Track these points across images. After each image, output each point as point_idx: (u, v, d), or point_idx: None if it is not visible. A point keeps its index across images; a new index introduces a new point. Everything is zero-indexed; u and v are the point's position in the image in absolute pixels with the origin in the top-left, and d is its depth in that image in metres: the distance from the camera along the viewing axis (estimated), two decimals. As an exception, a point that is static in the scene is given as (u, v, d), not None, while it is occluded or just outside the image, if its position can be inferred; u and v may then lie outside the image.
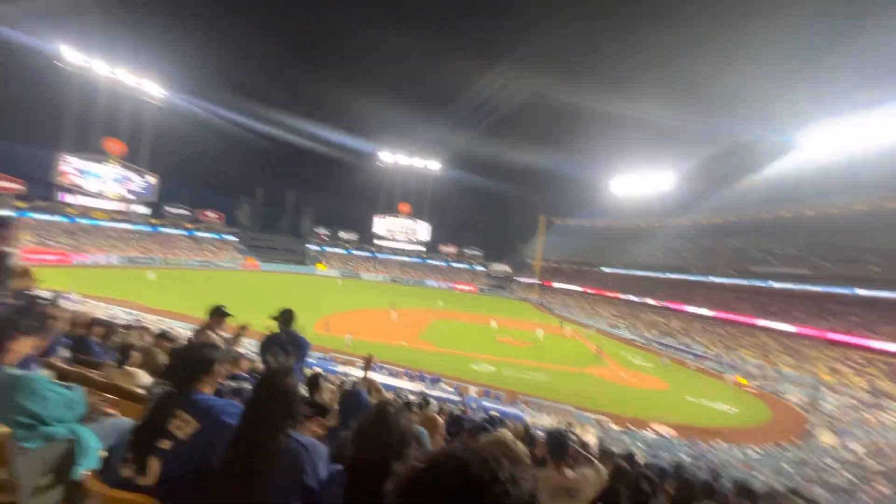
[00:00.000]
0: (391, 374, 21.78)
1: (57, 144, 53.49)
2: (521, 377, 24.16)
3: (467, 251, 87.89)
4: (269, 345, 4.17)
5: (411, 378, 21.18)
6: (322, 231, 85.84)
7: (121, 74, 57.04)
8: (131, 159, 59.84)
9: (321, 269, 74.90)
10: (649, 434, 18.43)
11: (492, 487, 0.54)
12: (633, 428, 18.73)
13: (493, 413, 13.39)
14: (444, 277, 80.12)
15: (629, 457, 5.06)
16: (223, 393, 2.73)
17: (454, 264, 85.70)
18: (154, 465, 1.58)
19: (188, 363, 1.85)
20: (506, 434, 1.69)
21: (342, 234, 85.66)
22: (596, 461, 2.57)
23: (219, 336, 4.34)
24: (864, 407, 23.22)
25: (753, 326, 37.81)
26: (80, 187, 54.79)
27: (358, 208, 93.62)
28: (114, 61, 55.82)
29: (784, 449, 18.90)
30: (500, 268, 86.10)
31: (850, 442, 19.53)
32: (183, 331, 17.65)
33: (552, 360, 28.88)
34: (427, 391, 19.00)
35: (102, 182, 56.72)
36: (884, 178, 37.84)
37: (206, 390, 1.80)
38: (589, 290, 63.00)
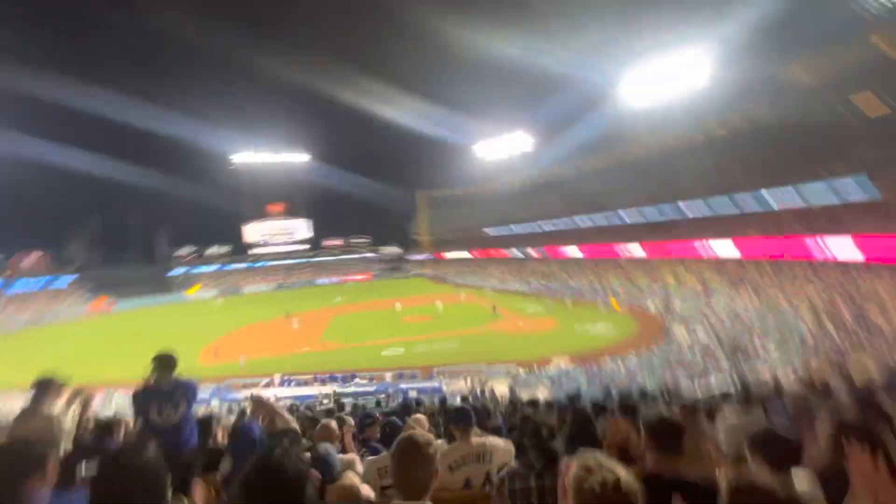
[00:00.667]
0: (299, 383, 20.69)
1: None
2: (431, 350, 24.83)
3: (354, 240, 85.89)
4: (149, 398, 3.53)
5: (322, 382, 20.39)
6: (185, 251, 76.08)
7: None
8: None
9: (193, 292, 66.77)
10: (551, 370, 20.52)
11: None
12: (536, 368, 20.67)
13: (409, 396, 13.61)
14: (336, 272, 77.52)
15: (533, 402, 5.53)
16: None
17: (343, 256, 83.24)
18: None
19: (12, 467, 1.46)
20: (418, 433, 1.65)
21: (212, 250, 77.04)
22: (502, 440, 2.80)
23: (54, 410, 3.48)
24: (699, 299, 28.79)
25: (614, 252, 43.82)
26: None
27: (222, 219, 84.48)
28: None
29: (652, 351, 22.64)
30: (391, 250, 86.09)
31: (698, 330, 24.11)
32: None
33: (456, 327, 30.17)
34: (341, 390, 18.51)
35: None
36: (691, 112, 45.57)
37: (41, 493, 1.44)
38: (477, 255, 66.52)
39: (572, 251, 49.68)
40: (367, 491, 2.34)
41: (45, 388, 3.42)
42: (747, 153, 35.22)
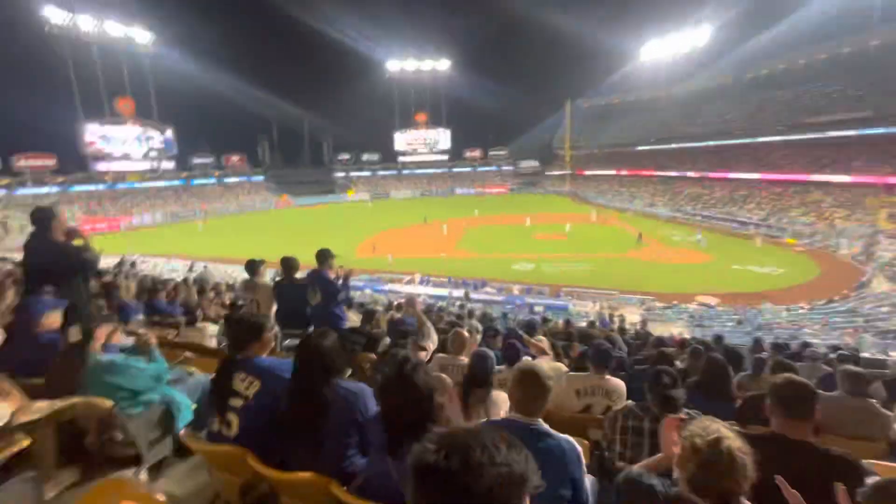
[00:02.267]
0: (436, 284, 22.86)
1: (71, 113, 53.80)
2: (561, 270, 24.68)
3: (493, 152, 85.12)
4: (309, 286, 4.44)
5: (456, 286, 22.17)
6: (344, 156, 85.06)
7: (110, 28, 54.73)
8: (142, 115, 59.73)
9: (351, 194, 75.65)
10: (693, 307, 18.84)
11: (488, 471, 0.63)
12: (676, 303, 19.17)
13: (534, 314, 14.03)
14: (474, 183, 79.07)
15: (661, 341, 5.27)
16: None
17: (481, 168, 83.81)
18: (234, 420, 1.87)
19: (241, 331, 2.07)
20: (529, 363, 1.82)
21: (365, 157, 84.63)
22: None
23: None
24: (926, 249, 22.34)
25: (805, 183, 35.71)
26: (108, 154, 56.06)
27: (376, 126, 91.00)
28: (100, 14, 53.28)
29: (835, 302, 18.91)
30: (529, 164, 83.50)
31: (907, 286, 19.17)
32: (237, 273, 19.00)
33: (590, 250, 29.07)
34: (473, 295, 19.96)
35: (126, 144, 57.62)
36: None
37: (261, 353, 2.04)
38: (624, 173, 60.62)
39: (745, 175, 41.85)
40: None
41: (324, 257, 4.49)
42: None
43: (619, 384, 2.93)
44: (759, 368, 4.00)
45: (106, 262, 20.50)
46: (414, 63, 78.00)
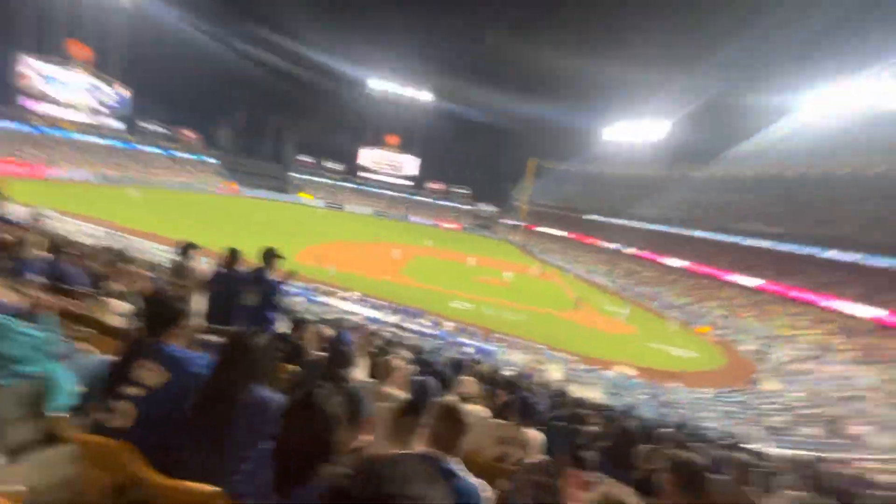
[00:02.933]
0: (374, 306, 22.38)
1: (11, 43, 48.90)
2: (497, 316, 25.12)
3: (455, 189, 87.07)
4: (248, 284, 4.20)
5: (393, 311, 21.82)
6: (306, 158, 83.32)
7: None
8: (99, 69, 55.54)
9: (305, 197, 73.65)
10: (612, 374, 19.75)
11: (402, 502, 0.62)
12: (598, 368, 20.01)
13: (463, 355, 14.07)
14: (430, 214, 79.95)
15: (580, 403, 5.46)
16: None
17: (441, 202, 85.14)
18: (128, 410, 1.66)
19: (161, 313, 1.89)
20: (455, 401, 1.81)
21: (327, 164, 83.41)
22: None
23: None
24: (811, 359, 25.12)
25: (723, 281, 39.43)
26: (45, 94, 51.10)
27: (344, 138, 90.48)
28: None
29: (734, 392, 20.61)
30: (487, 208, 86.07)
31: (793, 389, 21.34)
32: (167, 255, 17.57)
33: (528, 301, 29.96)
34: (404, 324, 19.70)
35: (69, 90, 52.89)
36: (868, 143, 38.00)
37: (176, 342, 1.86)
38: (571, 237, 63.99)
39: (675, 261, 45.60)
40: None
41: (270, 257, 4.22)
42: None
43: (538, 437, 2.97)
44: (660, 443, 4.22)
45: (16, 210, 18.27)
46: (397, 87, 79.37)
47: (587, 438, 2.15)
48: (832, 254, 34.23)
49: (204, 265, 5.48)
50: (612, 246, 55.29)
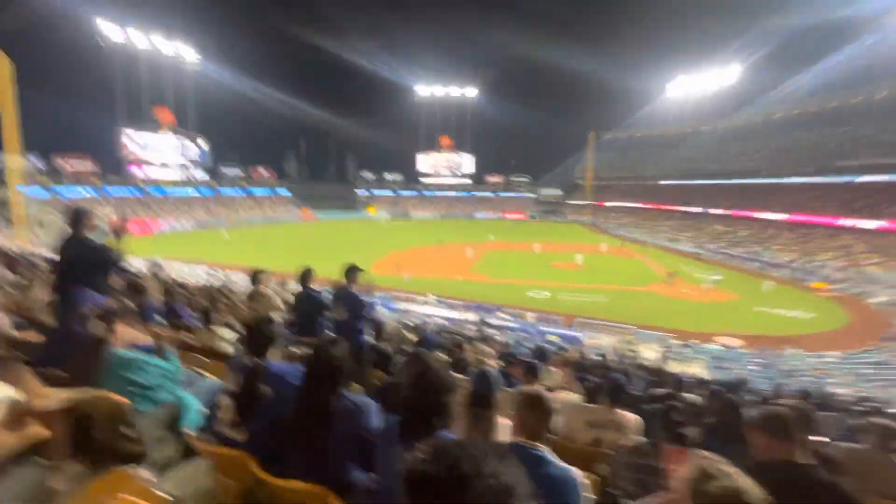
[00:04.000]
0: (450, 306, 22.74)
1: (110, 119, 56.72)
2: (577, 300, 24.30)
3: (514, 179, 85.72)
4: (336, 301, 4.52)
5: (469, 309, 21.99)
6: (368, 174, 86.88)
7: (156, 41, 58.03)
8: (180, 125, 62.50)
9: (371, 212, 76.79)
10: (714, 346, 18.23)
11: (476, 482, 0.64)
12: (696, 342, 18.58)
13: (548, 343, 13.79)
14: (494, 208, 79.46)
15: (678, 380, 5.12)
16: None
17: (502, 194, 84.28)
18: (246, 425, 1.89)
19: (259, 336, 2.11)
20: (537, 388, 1.81)
21: (387, 176, 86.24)
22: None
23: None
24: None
25: (837, 227, 34.68)
26: (145, 160, 58.58)
27: (400, 147, 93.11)
28: (147, 28, 56.63)
29: (866, 352, 18.05)
30: (550, 192, 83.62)
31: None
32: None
33: (608, 281, 28.62)
34: (485, 320, 19.76)
35: (161, 152, 60.16)
36: None
37: (274, 358, 2.07)
38: (646, 206, 60.05)
39: (772, 215, 40.94)
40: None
41: (353, 272, 4.66)
42: None
43: (634, 419, 2.85)
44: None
45: (136, 263, 21.18)
46: (442, 89, 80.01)
47: (687, 415, 2.03)
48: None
49: (276, 287, 5.98)
50: (695, 209, 50.98)
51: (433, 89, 79.99)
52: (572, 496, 1.53)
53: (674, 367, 13.31)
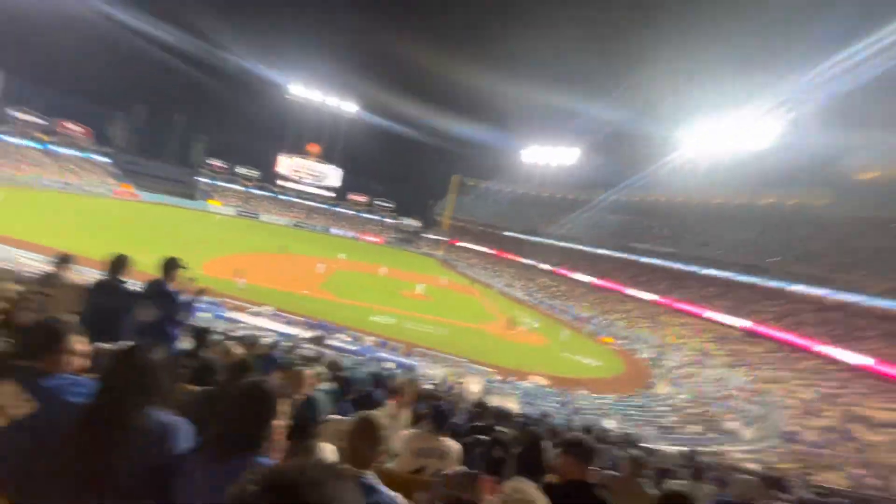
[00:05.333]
0: (288, 321, 21.22)
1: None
2: (419, 330, 25.14)
3: (378, 202, 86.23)
4: (144, 298, 3.78)
5: (310, 326, 20.86)
6: (217, 163, 77.38)
7: None
8: None
9: (215, 205, 68.22)
10: (527, 384, 20.68)
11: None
12: (513, 379, 20.83)
13: (385, 370, 13.87)
14: (352, 227, 78.28)
15: (501, 414, 5.68)
16: None
17: (363, 214, 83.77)
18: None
19: (38, 337, 1.64)
20: (371, 414, 1.81)
21: (240, 170, 78.22)
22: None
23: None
24: (694, 364, 28.47)
25: (624, 294, 43.38)
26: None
27: (261, 143, 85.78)
28: None
29: (632, 396, 22.61)
30: (410, 223, 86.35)
31: (680, 392, 23.97)
32: (36, 263, 15.09)
33: (449, 315, 30.42)
34: (323, 341, 18.92)
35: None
36: (738, 176, 44.67)
37: (55, 368, 1.62)
38: (492, 251, 66.44)
39: (583, 276, 49.31)
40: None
41: (171, 267, 3.74)
42: (788, 234, 34.43)
43: (455, 447, 3.01)
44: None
45: None
46: (319, 95, 77.21)
47: (503, 449, 2.26)
48: (707, 272, 39.40)
49: (82, 275, 4.85)
50: (529, 262, 58.33)
51: (310, 93, 76.62)
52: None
53: (493, 401, 14.63)
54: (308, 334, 19.32)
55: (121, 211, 45.36)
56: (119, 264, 3.85)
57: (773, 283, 33.29)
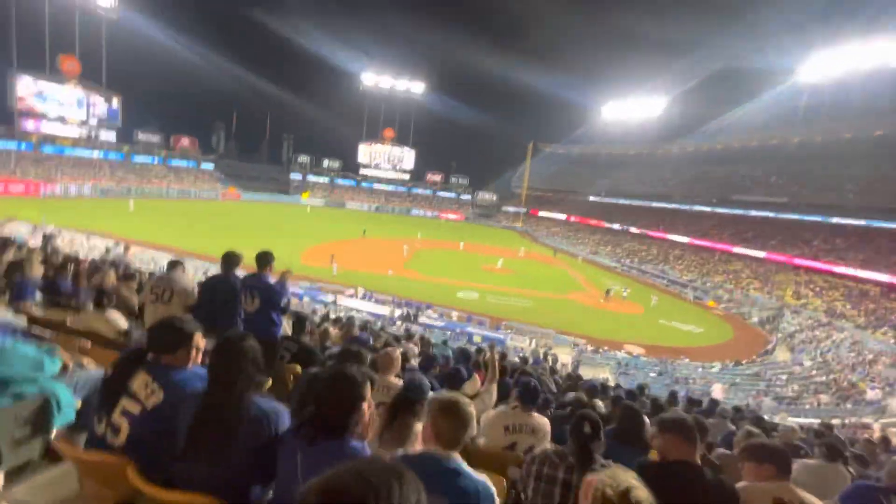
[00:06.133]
0: (378, 301, 22.45)
1: (6, 63, 48.73)
2: (503, 303, 25.12)
3: (454, 179, 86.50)
4: (245, 290, 4.15)
5: (398, 305, 21.88)
6: (304, 158, 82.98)
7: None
8: (90, 79, 55.25)
9: (305, 197, 73.62)
10: (621, 354, 19.78)
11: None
12: (606, 349, 20.03)
13: (472, 344, 14.07)
14: (431, 206, 79.74)
15: (592, 388, 5.45)
16: None
17: (440, 193, 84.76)
18: (123, 425, 1.65)
19: (168, 335, 1.86)
20: (454, 395, 1.78)
21: (326, 163, 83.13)
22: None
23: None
24: (820, 326, 25.02)
25: (729, 253, 39.19)
26: (42, 113, 50.98)
27: (341, 135, 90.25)
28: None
29: (744, 365, 20.58)
30: (487, 196, 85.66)
31: (803, 358, 21.30)
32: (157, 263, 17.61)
33: (534, 287, 29.93)
34: (414, 318, 19.76)
35: (63, 106, 52.72)
36: (870, 104, 37.36)
37: (180, 362, 1.84)
38: (573, 219, 63.67)
39: (678, 237, 45.28)
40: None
41: (265, 261, 4.25)
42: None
43: (545, 423, 2.95)
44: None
45: (15, 229, 18.34)
46: (389, 80, 78.57)
47: (593, 427, 2.13)
48: (836, 220, 33.96)
49: (192, 275, 5.47)
50: (615, 226, 54.99)
51: (380, 79, 78.30)
52: (486, 506, 1.53)
53: (586, 372, 14.23)
54: (398, 313, 20.33)
55: (228, 211, 50.88)
56: (229, 260, 4.28)
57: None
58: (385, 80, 78.40)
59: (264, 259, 4.20)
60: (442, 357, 6.51)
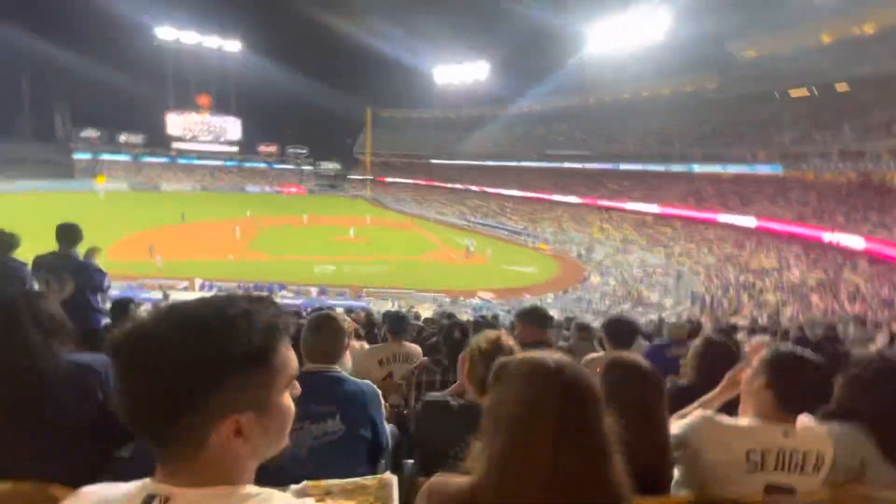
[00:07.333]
0: (221, 290, 20.11)
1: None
2: (361, 272, 25.02)
3: (291, 150, 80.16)
4: (37, 269, 3.28)
5: (246, 290, 19.92)
6: (91, 133, 66.73)
7: None
8: None
9: (101, 182, 59.91)
10: (475, 300, 21.76)
11: (237, 322, 0.57)
12: (462, 298, 21.79)
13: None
14: (268, 181, 73.14)
15: (450, 315, 5.95)
16: None
17: (277, 166, 78.05)
18: None
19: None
20: (331, 313, 1.80)
21: (123, 137, 68.39)
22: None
23: None
24: (619, 253, 31.34)
25: (551, 202, 45.53)
26: None
27: (140, 103, 74.75)
28: None
29: (569, 292, 24.70)
30: (331, 166, 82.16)
31: (609, 280, 26.53)
32: None
33: (390, 252, 30.43)
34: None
35: None
36: (639, 71, 46.41)
37: None
38: (419, 182, 65.72)
39: (511, 192, 50.76)
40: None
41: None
42: (688, 119, 37.03)
43: (417, 349, 3.13)
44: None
45: None
46: (195, 36, 67.32)
47: (462, 331, 2.38)
48: (623, 166, 42.11)
49: None
50: (457, 186, 58.64)
51: (182, 35, 66.40)
52: (371, 406, 1.60)
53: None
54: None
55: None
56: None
57: (676, 168, 36.48)
58: (189, 36, 66.88)
59: (70, 232, 3.36)
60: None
